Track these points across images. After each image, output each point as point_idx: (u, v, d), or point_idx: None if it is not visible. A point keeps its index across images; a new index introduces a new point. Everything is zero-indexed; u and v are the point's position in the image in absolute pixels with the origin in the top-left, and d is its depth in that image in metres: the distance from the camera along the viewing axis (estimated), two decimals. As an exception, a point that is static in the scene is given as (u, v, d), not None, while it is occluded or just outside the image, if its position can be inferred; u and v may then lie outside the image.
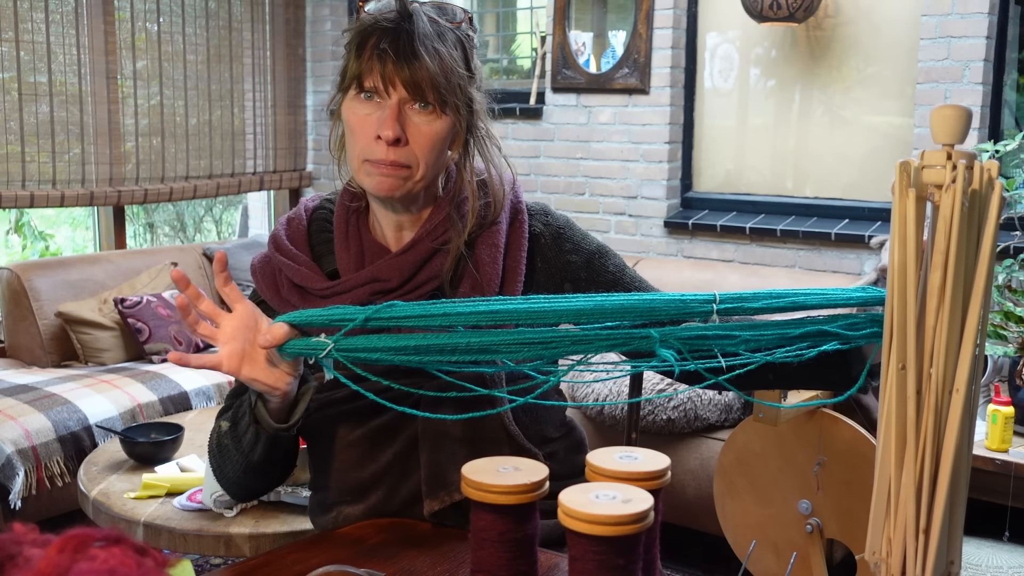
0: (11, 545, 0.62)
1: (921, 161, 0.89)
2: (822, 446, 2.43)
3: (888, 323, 0.89)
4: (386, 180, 1.22)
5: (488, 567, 0.97)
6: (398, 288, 1.25)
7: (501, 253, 1.28)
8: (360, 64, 1.21)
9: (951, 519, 0.88)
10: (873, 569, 0.92)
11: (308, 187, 5.07)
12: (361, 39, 1.22)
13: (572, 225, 1.38)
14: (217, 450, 1.29)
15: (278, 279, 1.30)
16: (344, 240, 1.30)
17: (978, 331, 0.87)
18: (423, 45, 1.19)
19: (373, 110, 1.22)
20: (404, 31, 1.20)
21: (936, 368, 0.87)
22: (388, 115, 1.20)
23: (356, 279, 1.25)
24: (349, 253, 1.28)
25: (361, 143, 1.22)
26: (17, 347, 3.78)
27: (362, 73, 1.21)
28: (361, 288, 1.25)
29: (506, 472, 0.97)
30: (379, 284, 1.24)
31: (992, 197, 0.87)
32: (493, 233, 1.29)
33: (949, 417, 0.87)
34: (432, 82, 1.19)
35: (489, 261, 1.27)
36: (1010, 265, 2.91)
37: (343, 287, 1.25)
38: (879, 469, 0.90)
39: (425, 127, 1.22)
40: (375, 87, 1.20)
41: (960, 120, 0.87)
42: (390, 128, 1.19)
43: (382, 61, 1.19)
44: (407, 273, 1.25)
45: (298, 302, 1.27)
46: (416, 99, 1.21)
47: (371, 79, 1.20)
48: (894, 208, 0.89)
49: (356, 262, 1.28)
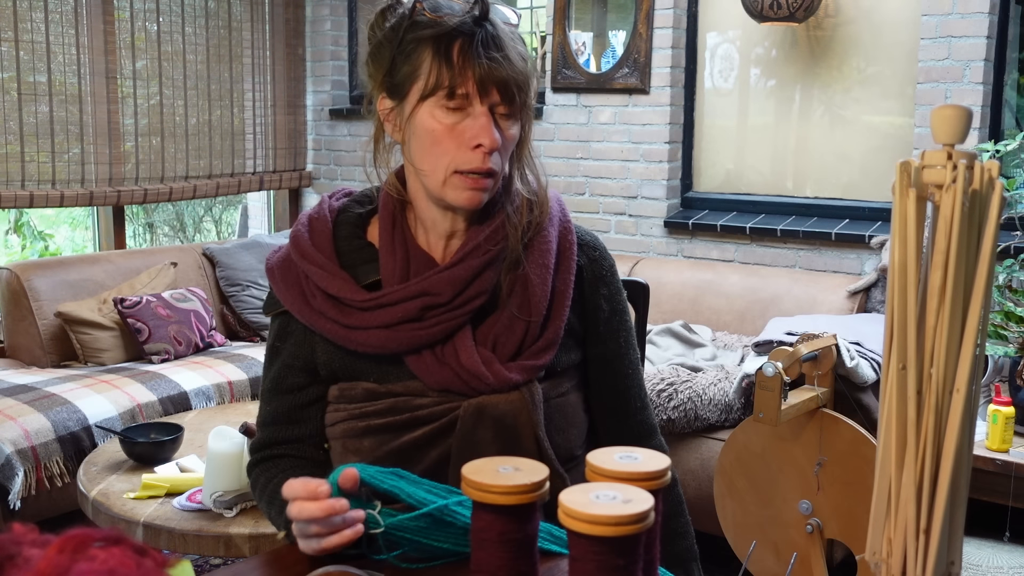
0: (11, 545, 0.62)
1: (921, 161, 0.89)
2: (822, 446, 2.43)
3: (888, 323, 0.89)
4: (476, 195, 1.18)
5: (488, 567, 0.97)
6: (448, 303, 1.19)
7: (551, 274, 1.24)
8: (451, 71, 1.14)
9: (951, 519, 0.88)
10: (873, 569, 0.91)
11: (308, 187, 5.07)
12: (443, 43, 1.15)
13: (615, 272, 1.34)
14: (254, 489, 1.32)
15: (305, 287, 1.23)
16: (390, 242, 1.23)
17: (978, 331, 0.87)
18: (511, 47, 1.16)
19: (461, 117, 1.16)
20: (489, 35, 1.15)
21: (936, 368, 0.86)
22: (486, 122, 1.15)
23: (404, 292, 1.19)
24: (395, 261, 1.22)
25: (452, 153, 1.16)
26: (17, 347, 3.78)
27: (454, 79, 1.14)
28: (412, 301, 1.19)
29: (506, 472, 0.97)
30: (431, 298, 1.19)
31: (992, 197, 0.87)
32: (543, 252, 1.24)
33: (949, 417, 0.86)
34: (521, 85, 1.16)
35: (539, 282, 1.23)
36: (1010, 265, 2.91)
37: (390, 299, 1.19)
38: (879, 469, 0.90)
39: (508, 131, 1.18)
40: (467, 93, 1.15)
41: (960, 120, 0.87)
42: (489, 137, 1.15)
43: (478, 63, 1.14)
44: (459, 287, 1.20)
45: (336, 315, 1.21)
46: (506, 102, 1.16)
47: (464, 86, 1.14)
48: (894, 208, 0.89)
49: (401, 272, 1.22)
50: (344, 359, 1.24)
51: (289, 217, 5.12)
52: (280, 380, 1.29)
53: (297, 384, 1.28)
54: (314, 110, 5.02)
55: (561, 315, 1.24)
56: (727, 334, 3.55)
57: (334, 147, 4.97)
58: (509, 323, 1.22)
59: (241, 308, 4.20)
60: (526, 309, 1.22)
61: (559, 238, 1.27)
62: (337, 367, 1.25)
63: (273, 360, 1.30)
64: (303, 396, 1.28)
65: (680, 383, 3.01)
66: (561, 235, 1.27)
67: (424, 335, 1.19)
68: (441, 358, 1.20)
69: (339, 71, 4.98)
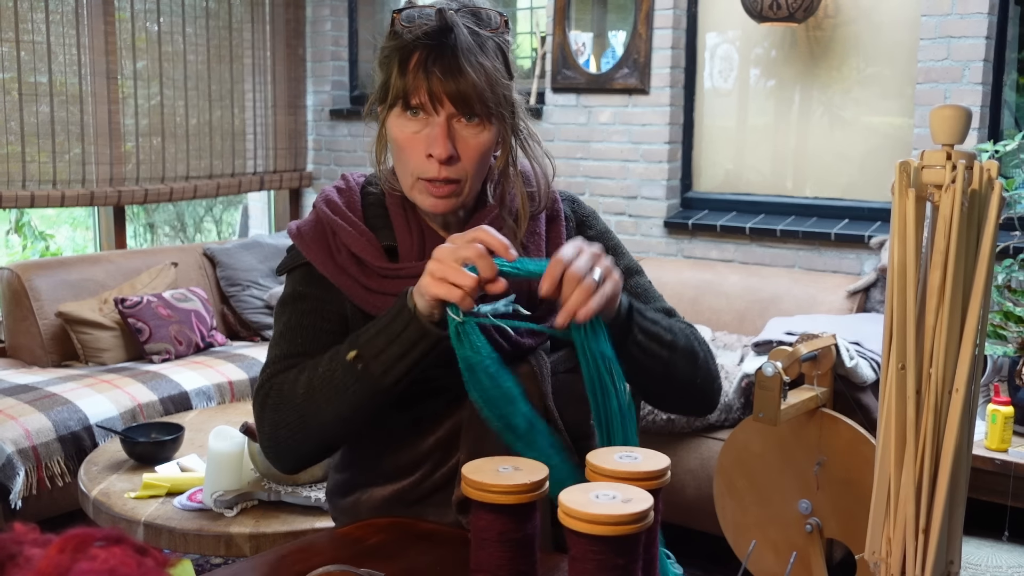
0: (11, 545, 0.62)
1: (921, 161, 0.89)
2: (822, 446, 2.43)
3: (888, 323, 0.89)
4: (440, 202, 1.23)
5: (488, 567, 0.97)
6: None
7: (543, 240, 1.32)
8: (406, 82, 1.20)
9: (951, 519, 0.89)
10: (873, 569, 0.92)
11: (308, 187, 5.07)
12: (404, 55, 1.20)
13: (597, 217, 1.42)
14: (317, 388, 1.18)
15: (332, 242, 1.28)
16: (405, 223, 1.29)
17: (978, 331, 0.88)
18: (467, 60, 1.19)
19: (421, 127, 1.21)
20: (448, 47, 1.19)
21: (936, 368, 0.87)
22: (439, 133, 1.20)
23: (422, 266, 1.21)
24: (411, 236, 1.28)
25: (413, 161, 1.22)
26: (17, 347, 3.79)
27: (408, 90, 1.20)
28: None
29: (506, 472, 0.97)
30: None
31: (992, 197, 0.87)
32: (534, 222, 1.32)
33: (949, 417, 0.87)
34: (479, 96, 1.19)
35: (534, 250, 1.30)
36: (1010, 265, 2.91)
37: (407, 272, 1.24)
38: (879, 469, 0.90)
39: (473, 140, 1.22)
40: (422, 104, 1.20)
41: (960, 120, 0.87)
42: (442, 147, 1.19)
43: (428, 78, 1.18)
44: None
45: (358, 274, 1.25)
46: (464, 114, 1.21)
47: (417, 96, 1.20)
48: (894, 208, 0.89)
49: (419, 247, 1.27)
50: (363, 321, 1.25)
51: (289, 217, 5.12)
52: (314, 318, 1.27)
53: (333, 327, 1.27)
54: (314, 110, 5.02)
55: None
56: (727, 334, 3.55)
57: (334, 147, 4.97)
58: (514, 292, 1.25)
59: (242, 308, 4.20)
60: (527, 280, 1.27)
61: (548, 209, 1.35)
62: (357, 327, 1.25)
63: (299, 302, 1.29)
64: (339, 340, 1.24)
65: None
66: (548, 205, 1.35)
67: None
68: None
69: (339, 71, 4.98)
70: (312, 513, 2.23)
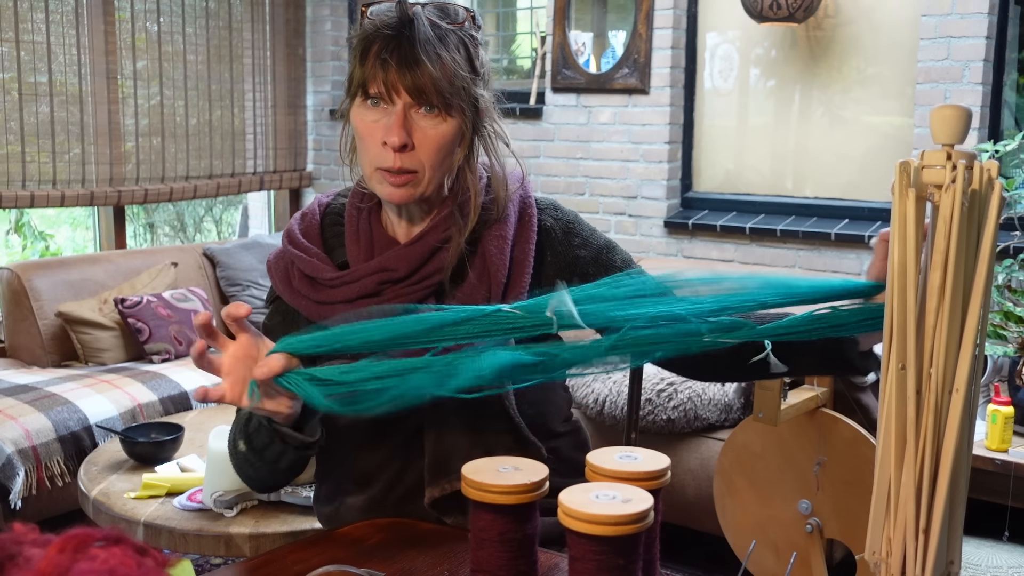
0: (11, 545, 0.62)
1: (921, 161, 0.89)
2: (822, 446, 2.43)
3: (888, 323, 0.89)
4: (397, 191, 1.24)
5: (488, 567, 0.97)
6: (405, 278, 1.27)
7: (509, 245, 1.30)
8: (364, 71, 1.22)
9: (951, 519, 0.88)
10: (873, 569, 0.92)
11: (308, 187, 5.07)
12: (364, 46, 1.23)
13: (580, 220, 1.41)
14: (239, 461, 1.29)
15: (290, 271, 1.33)
16: (355, 233, 1.32)
17: (978, 331, 0.87)
18: (424, 51, 1.21)
19: (380, 116, 1.23)
20: (405, 37, 1.21)
21: (936, 368, 0.87)
22: (394, 121, 1.21)
23: (365, 269, 1.28)
24: (359, 245, 1.31)
25: (372, 151, 1.24)
26: (17, 347, 3.78)
27: (366, 80, 1.22)
28: (369, 277, 1.27)
29: (506, 472, 0.97)
30: (387, 273, 1.27)
31: (992, 197, 0.87)
32: (500, 226, 1.31)
33: (949, 417, 0.87)
34: (435, 86, 1.21)
35: (496, 252, 1.29)
36: (1010, 265, 2.91)
37: (352, 276, 1.27)
38: (879, 469, 0.90)
39: (431, 131, 1.23)
40: (379, 93, 1.22)
41: (960, 120, 0.87)
42: (396, 134, 1.21)
43: (385, 68, 1.21)
44: (414, 264, 1.27)
45: (309, 292, 1.30)
46: (420, 104, 1.22)
47: (375, 86, 1.22)
48: (894, 208, 0.89)
49: (366, 253, 1.30)
50: None
51: (289, 217, 5.12)
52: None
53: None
54: (314, 110, 5.02)
55: (521, 282, 1.29)
56: (727, 334, 3.55)
57: (334, 147, 4.96)
58: (470, 292, 1.28)
59: (241, 308, 4.20)
60: (485, 278, 1.28)
61: (519, 213, 1.33)
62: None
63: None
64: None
65: (680, 383, 3.02)
66: (521, 210, 1.34)
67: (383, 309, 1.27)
68: None
69: (339, 71, 4.98)
70: (312, 513, 2.23)
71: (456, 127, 1.25)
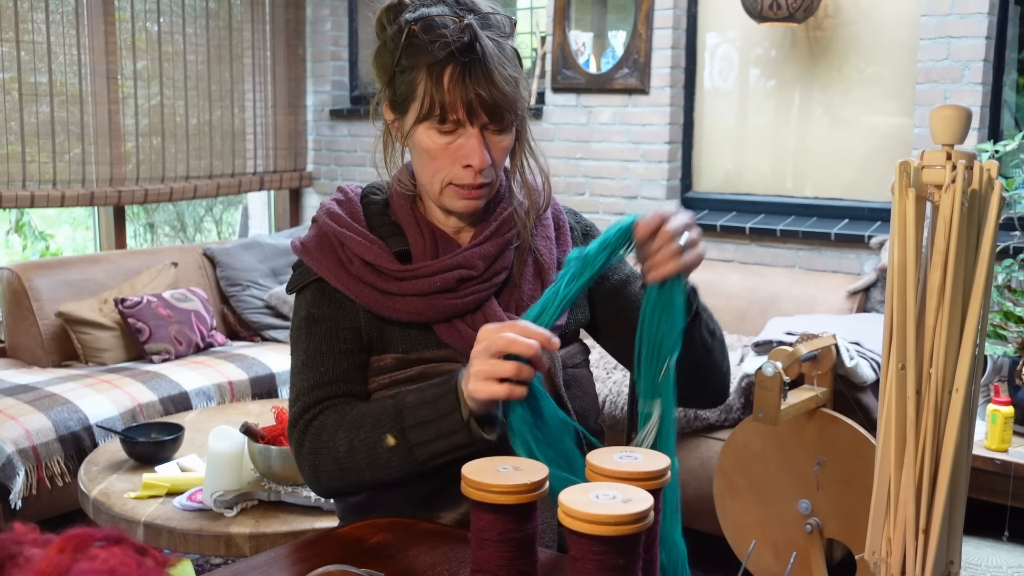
0: (11, 545, 0.62)
1: (921, 161, 0.89)
2: (822, 446, 2.43)
3: (888, 323, 0.89)
4: (471, 203, 1.28)
5: (488, 567, 0.97)
6: (480, 276, 1.30)
7: (553, 243, 1.38)
8: (442, 96, 1.22)
9: (951, 519, 0.89)
10: (873, 569, 0.92)
11: (308, 187, 5.07)
12: (436, 71, 1.22)
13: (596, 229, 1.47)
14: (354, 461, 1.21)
15: (341, 253, 1.29)
16: (415, 226, 1.32)
17: (978, 331, 0.88)
18: (498, 72, 1.23)
19: (453, 137, 1.24)
20: (478, 60, 1.22)
21: (936, 368, 0.87)
22: (476, 145, 1.24)
23: (440, 264, 1.28)
24: (424, 239, 1.31)
25: (445, 170, 1.26)
26: (17, 347, 3.79)
27: (445, 105, 1.22)
28: (450, 273, 1.28)
29: (506, 472, 0.97)
30: (466, 271, 1.28)
31: (992, 197, 0.87)
32: (545, 227, 1.38)
33: (949, 417, 0.87)
34: (509, 106, 1.24)
35: (546, 252, 1.36)
36: (1010, 265, 2.91)
37: (425, 271, 1.28)
38: (879, 469, 0.90)
39: (501, 144, 1.28)
40: (459, 119, 1.23)
41: (960, 120, 0.87)
42: (479, 158, 1.24)
43: (465, 92, 1.22)
44: (488, 262, 1.30)
45: (374, 280, 1.27)
46: (495, 123, 1.25)
47: (455, 112, 1.23)
48: (894, 208, 0.89)
49: (431, 249, 1.31)
50: (378, 328, 1.30)
51: (289, 217, 5.12)
52: (332, 341, 1.29)
53: (351, 346, 1.30)
54: (314, 110, 5.02)
55: None
56: (727, 334, 3.56)
57: (334, 147, 4.97)
58: (530, 288, 1.33)
59: (242, 308, 4.20)
60: (539, 275, 1.34)
61: (553, 216, 1.42)
62: (373, 335, 1.30)
63: (313, 326, 1.30)
64: (359, 358, 1.30)
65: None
66: (554, 214, 1.42)
67: (458, 304, 1.28)
68: (472, 326, 1.28)
69: (339, 71, 4.98)
70: (312, 513, 2.23)
71: (514, 136, 1.30)
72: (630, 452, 1.02)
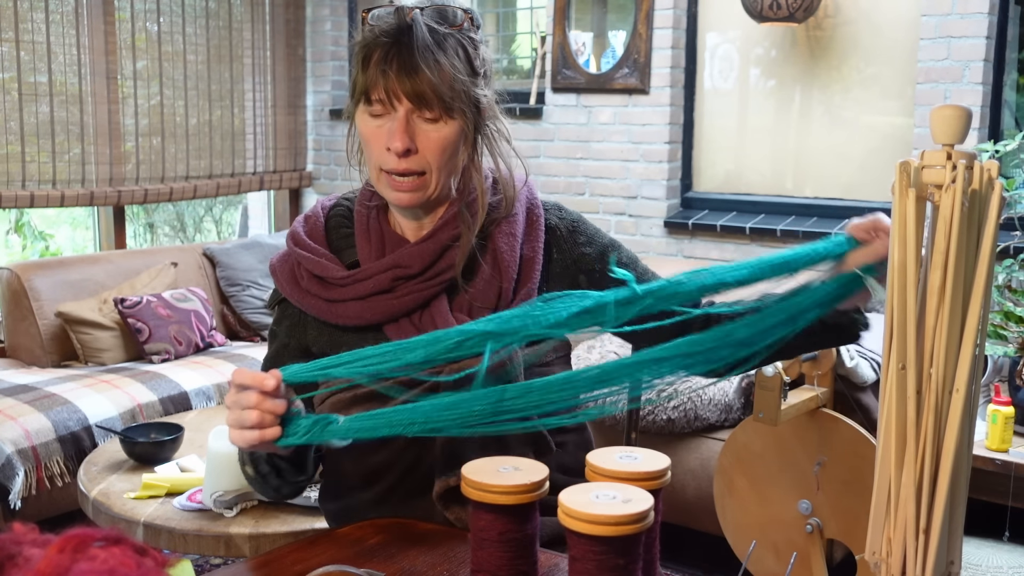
0: (11, 545, 0.62)
1: (921, 161, 0.89)
2: (822, 446, 2.43)
3: (888, 323, 0.89)
4: (404, 195, 1.27)
5: (488, 567, 0.97)
6: (418, 275, 1.29)
7: (519, 242, 1.34)
8: (366, 79, 1.25)
9: (951, 519, 0.88)
10: (873, 569, 0.92)
11: (308, 187, 5.07)
12: (365, 53, 1.26)
13: (585, 220, 1.44)
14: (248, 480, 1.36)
15: (297, 272, 1.34)
16: (365, 231, 1.34)
17: (978, 331, 0.87)
18: (423, 57, 1.23)
19: (383, 121, 1.26)
20: (404, 44, 1.23)
21: (936, 368, 0.87)
22: (397, 127, 1.24)
23: (377, 266, 1.30)
24: (370, 243, 1.33)
25: (376, 154, 1.27)
26: (17, 347, 3.78)
27: (368, 87, 1.25)
28: (383, 274, 1.29)
29: (506, 472, 0.97)
30: (401, 270, 1.29)
31: (992, 197, 0.87)
32: (509, 223, 1.34)
33: (949, 417, 0.87)
34: (435, 92, 1.23)
35: (508, 249, 1.32)
36: (1010, 265, 2.91)
37: (364, 274, 1.30)
38: (879, 469, 0.90)
39: (434, 134, 1.26)
40: (381, 100, 1.25)
41: (960, 120, 0.87)
42: (399, 140, 1.24)
43: (385, 75, 1.23)
44: (427, 260, 1.29)
45: (319, 291, 1.31)
46: (421, 109, 1.25)
47: (377, 92, 1.24)
48: (894, 208, 0.89)
49: (377, 251, 1.32)
50: (331, 335, 1.33)
51: (289, 217, 5.12)
52: (277, 359, 1.37)
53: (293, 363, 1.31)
54: (314, 110, 5.02)
55: (531, 278, 1.32)
56: (727, 334, 3.55)
57: (334, 147, 4.97)
58: (483, 288, 1.31)
59: (241, 308, 4.20)
60: (497, 273, 1.31)
61: (526, 212, 1.37)
62: (325, 343, 1.33)
63: (271, 342, 1.40)
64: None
65: (680, 383, 3.02)
66: (528, 210, 1.38)
67: (396, 304, 1.28)
68: (419, 325, 1.28)
69: (339, 71, 4.98)
70: (312, 513, 2.23)
71: (458, 129, 1.27)
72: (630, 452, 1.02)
